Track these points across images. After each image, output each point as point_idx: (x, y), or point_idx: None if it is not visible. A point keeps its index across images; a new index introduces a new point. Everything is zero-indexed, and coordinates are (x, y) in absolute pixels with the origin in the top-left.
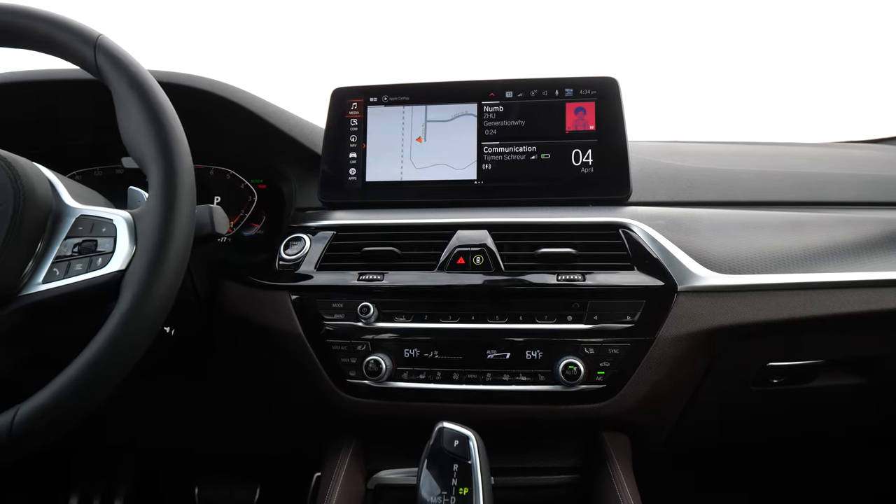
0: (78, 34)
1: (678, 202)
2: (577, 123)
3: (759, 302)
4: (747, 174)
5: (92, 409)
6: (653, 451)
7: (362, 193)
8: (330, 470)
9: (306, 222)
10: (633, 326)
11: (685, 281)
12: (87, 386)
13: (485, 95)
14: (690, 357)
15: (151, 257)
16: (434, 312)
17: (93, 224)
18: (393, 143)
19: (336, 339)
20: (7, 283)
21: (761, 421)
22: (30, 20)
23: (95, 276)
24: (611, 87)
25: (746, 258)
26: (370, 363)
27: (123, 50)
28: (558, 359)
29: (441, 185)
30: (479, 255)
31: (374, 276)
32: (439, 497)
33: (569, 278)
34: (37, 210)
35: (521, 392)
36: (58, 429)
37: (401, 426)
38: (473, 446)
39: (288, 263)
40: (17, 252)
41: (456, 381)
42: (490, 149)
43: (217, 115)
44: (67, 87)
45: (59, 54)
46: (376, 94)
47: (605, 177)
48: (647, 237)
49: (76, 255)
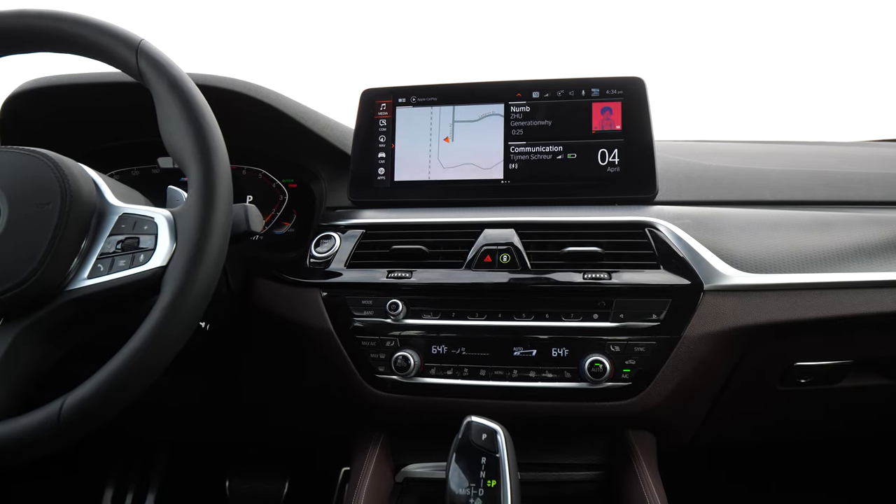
0: (121, 39)
1: (704, 201)
2: (604, 123)
3: (786, 301)
4: (774, 173)
5: (134, 398)
6: (678, 449)
7: (391, 192)
8: (359, 463)
9: (336, 221)
10: (658, 325)
11: (711, 280)
12: (131, 377)
13: (511, 96)
14: (716, 356)
15: (191, 254)
16: (461, 310)
17: (135, 222)
18: (421, 144)
19: (365, 335)
20: (54, 278)
21: (788, 421)
22: (76, 26)
23: (138, 272)
24: (637, 87)
25: (773, 257)
26: (398, 359)
27: (164, 54)
28: (584, 356)
29: (468, 184)
30: (506, 254)
31: (402, 274)
32: (468, 489)
33: (595, 277)
34: (82, 209)
35: (547, 389)
36: (102, 417)
37: (428, 421)
38: (501, 440)
39: (319, 261)
40: (64, 249)
41: (483, 378)
42: (517, 148)
43: (251, 116)
44: (109, 89)
45: (104, 59)
46: (405, 95)
47: (632, 176)
48: (674, 236)
49: (119, 251)
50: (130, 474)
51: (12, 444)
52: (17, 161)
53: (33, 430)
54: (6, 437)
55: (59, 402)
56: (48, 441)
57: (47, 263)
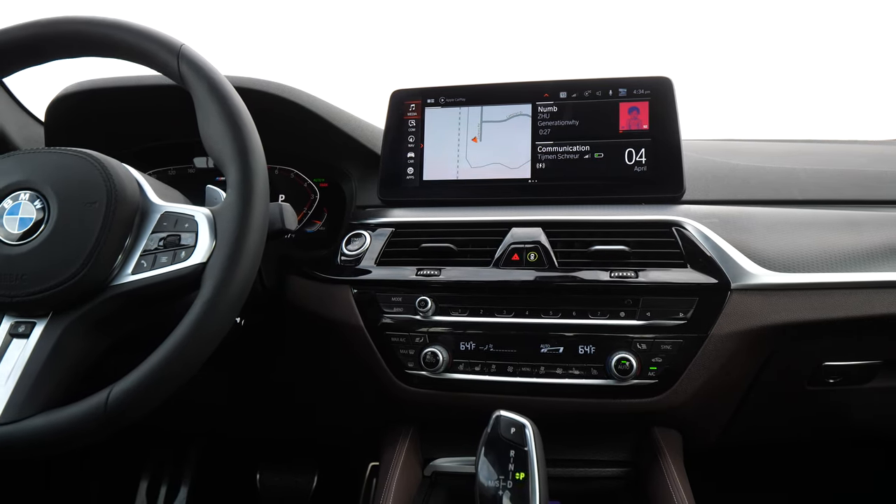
0: (163, 44)
1: (732, 200)
2: (631, 123)
3: (815, 300)
4: (803, 172)
5: (177, 389)
6: (705, 447)
7: (420, 192)
8: (389, 457)
9: (366, 219)
10: (685, 323)
11: (739, 279)
12: (174, 368)
13: (539, 96)
14: (744, 355)
15: (230, 250)
16: (489, 307)
17: (176, 220)
18: (449, 143)
19: (395, 331)
20: (100, 274)
21: (817, 422)
22: (121, 32)
23: (180, 268)
24: (665, 87)
25: (802, 256)
26: (427, 355)
27: (204, 58)
28: (611, 354)
29: (496, 183)
30: (533, 252)
31: (431, 272)
32: (497, 481)
33: (622, 275)
34: (127, 207)
35: (574, 385)
36: (146, 407)
37: (456, 416)
38: (529, 433)
39: (349, 259)
40: (110, 246)
41: (510, 374)
42: (544, 148)
43: (284, 117)
44: (148, 92)
45: (146, 62)
46: (433, 96)
47: (659, 175)
48: (701, 235)
49: (161, 248)
50: (164, 467)
51: (62, 432)
52: (65, 161)
53: (81, 418)
54: (56, 425)
55: (105, 392)
56: (95, 429)
57: (94, 260)
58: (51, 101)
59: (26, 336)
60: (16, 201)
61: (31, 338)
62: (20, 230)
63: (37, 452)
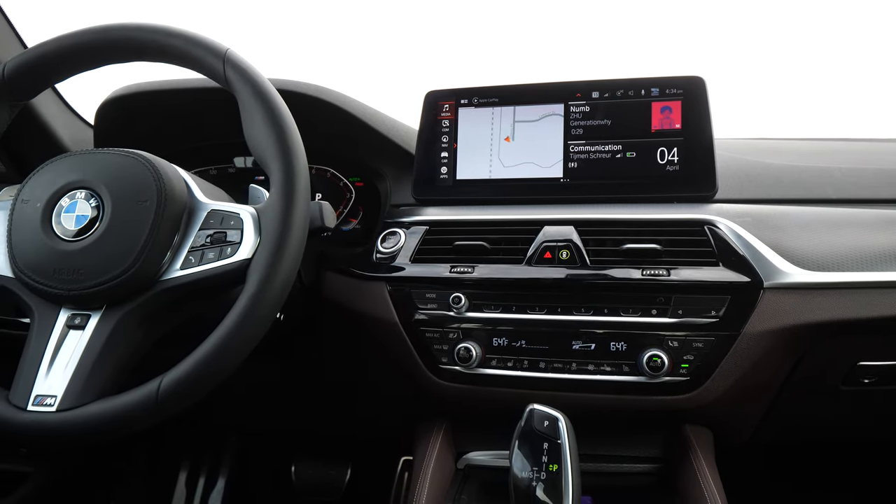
0: (210, 49)
1: (765, 199)
2: (663, 122)
3: (849, 299)
4: (839, 171)
5: (223, 380)
6: (737, 446)
7: (453, 191)
8: (423, 450)
9: (401, 218)
10: (717, 321)
11: (772, 277)
12: (221, 359)
13: (571, 96)
14: (776, 353)
15: (274, 247)
16: (521, 304)
17: (222, 217)
18: (482, 143)
19: (429, 327)
20: (151, 269)
21: (852, 422)
22: (170, 37)
23: (226, 264)
24: (697, 86)
25: (837, 255)
26: (461, 350)
27: (248, 62)
28: (642, 351)
29: (528, 182)
30: (566, 250)
31: (464, 269)
32: (530, 472)
33: (653, 273)
34: (175, 205)
35: (606, 382)
36: (195, 396)
37: (489, 410)
38: (562, 426)
39: (385, 256)
40: (160, 242)
41: (542, 370)
42: (576, 147)
43: (322, 118)
44: (193, 94)
45: (193, 66)
46: (467, 97)
47: (691, 174)
48: (733, 234)
49: (209, 244)
50: (204, 456)
51: (116, 418)
52: (118, 161)
53: (135, 406)
54: (110, 412)
55: (157, 382)
56: (146, 417)
57: (145, 256)
58: (100, 104)
59: (82, 328)
60: (72, 200)
61: (86, 329)
62: (76, 227)
63: (93, 438)
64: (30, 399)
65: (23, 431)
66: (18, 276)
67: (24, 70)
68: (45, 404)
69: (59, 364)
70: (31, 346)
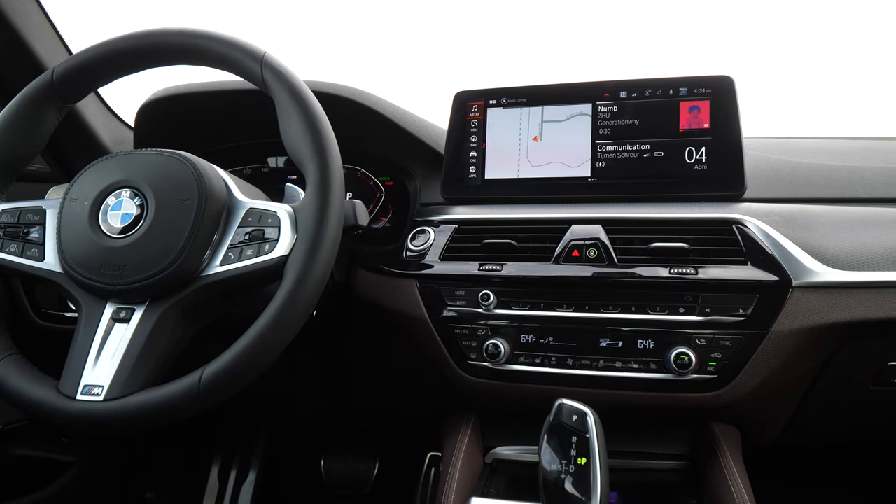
0: (247, 52)
1: (794, 199)
2: (692, 122)
3: (879, 299)
4: (869, 170)
5: (261, 372)
6: (765, 445)
7: (482, 189)
8: (451, 445)
9: (430, 216)
10: (745, 320)
11: (800, 276)
12: (259, 352)
13: (599, 96)
14: (805, 352)
15: (311, 244)
16: (549, 301)
17: (260, 216)
18: (511, 143)
19: (458, 323)
20: (192, 265)
21: (882, 423)
22: (209, 41)
23: (264, 260)
24: (726, 86)
25: (867, 255)
26: (489, 347)
27: (285, 65)
28: (669, 348)
29: (556, 181)
30: (593, 249)
31: (493, 267)
32: (559, 465)
33: (681, 272)
34: (215, 204)
35: (633, 379)
36: (235, 387)
37: (517, 406)
38: (591, 421)
39: (414, 254)
40: (201, 239)
41: (570, 367)
42: (604, 147)
43: (353, 118)
44: (230, 96)
45: (231, 69)
46: (495, 97)
47: (720, 174)
48: (762, 233)
49: (247, 242)
50: (237, 448)
51: (160, 408)
52: (161, 161)
53: (177, 396)
54: (155, 401)
55: (198, 373)
56: (189, 406)
57: (187, 252)
58: (140, 106)
59: (127, 321)
60: (118, 198)
61: (131, 322)
62: (122, 225)
63: (137, 426)
64: (78, 389)
65: (72, 419)
66: (67, 272)
67: (72, 74)
68: (92, 394)
69: (105, 356)
70: (78, 339)
